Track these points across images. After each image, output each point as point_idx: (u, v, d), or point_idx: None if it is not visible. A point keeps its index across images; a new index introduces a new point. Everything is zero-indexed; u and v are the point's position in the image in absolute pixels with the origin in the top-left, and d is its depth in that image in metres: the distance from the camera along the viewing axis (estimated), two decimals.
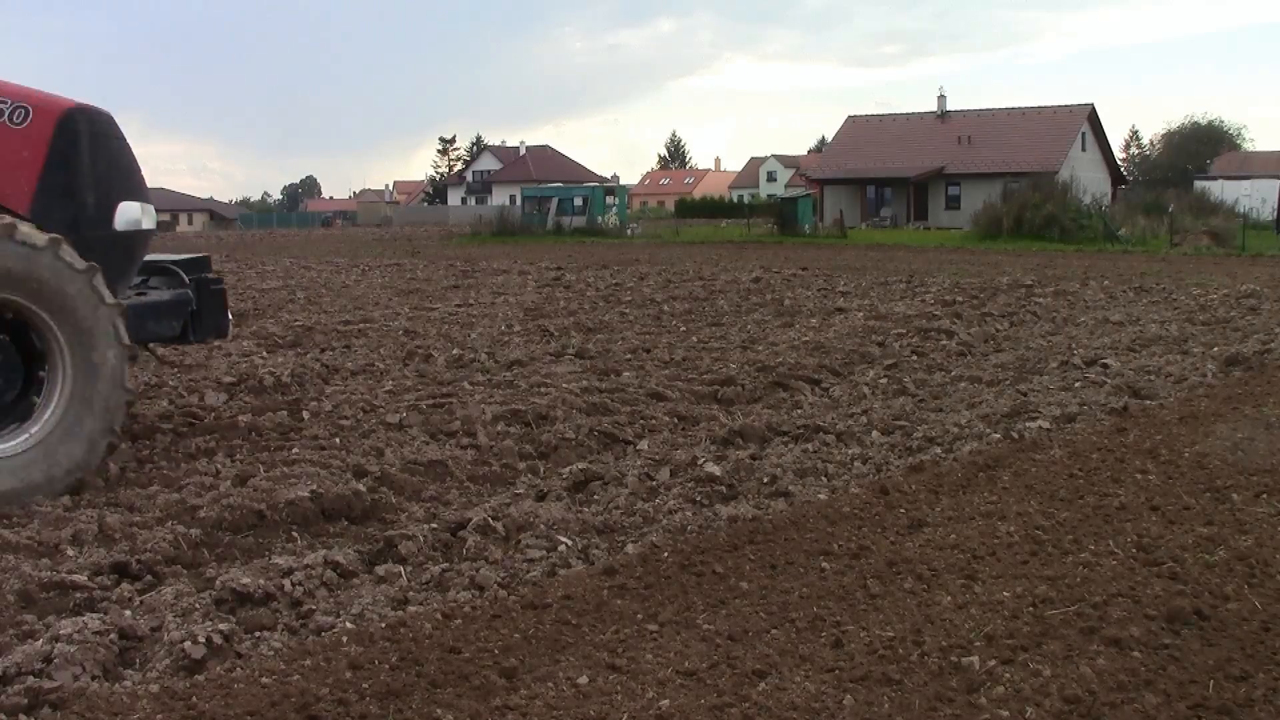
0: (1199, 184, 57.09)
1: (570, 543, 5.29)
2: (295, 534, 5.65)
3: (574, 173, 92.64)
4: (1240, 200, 46.91)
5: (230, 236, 61.17)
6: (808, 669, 3.86)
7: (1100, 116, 61.98)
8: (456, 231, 56.62)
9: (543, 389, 9.00)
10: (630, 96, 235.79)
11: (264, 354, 11.59)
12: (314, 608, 4.52)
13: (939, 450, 7.06)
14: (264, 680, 3.78)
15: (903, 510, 5.76)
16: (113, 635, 4.08)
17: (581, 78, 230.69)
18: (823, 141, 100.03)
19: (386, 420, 7.92)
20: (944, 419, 8.04)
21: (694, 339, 12.96)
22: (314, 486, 6.07)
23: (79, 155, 6.43)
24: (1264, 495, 5.88)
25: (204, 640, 4.04)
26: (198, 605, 4.46)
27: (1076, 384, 9.43)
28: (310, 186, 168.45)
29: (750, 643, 4.09)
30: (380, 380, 9.72)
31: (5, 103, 6.26)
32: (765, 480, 6.39)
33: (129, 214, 6.67)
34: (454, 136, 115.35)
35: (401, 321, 14.74)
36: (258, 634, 4.25)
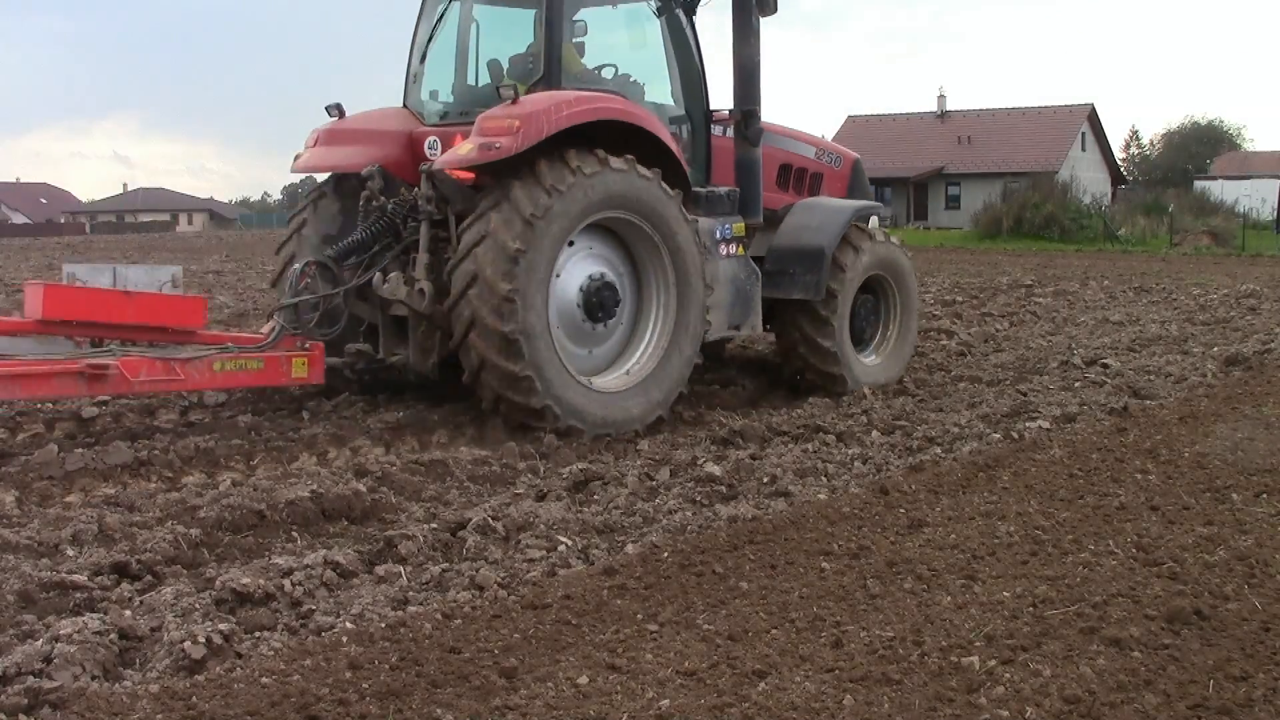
0: (1199, 184, 57.10)
1: (570, 543, 5.29)
2: (295, 534, 5.65)
3: None
4: (1240, 200, 46.91)
5: (230, 236, 61.18)
6: (808, 669, 3.86)
7: (1100, 116, 62.00)
8: None
9: None
10: None
11: None
12: (314, 608, 4.52)
13: (939, 450, 7.06)
14: (264, 680, 3.78)
15: (903, 510, 5.76)
16: (113, 635, 4.08)
17: None
18: None
19: (386, 419, 7.92)
20: (944, 419, 8.04)
21: None
22: (314, 486, 6.07)
23: (860, 185, 10.34)
24: (1264, 495, 5.88)
25: (204, 640, 4.04)
26: (198, 605, 4.45)
27: (1076, 384, 9.43)
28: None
29: (750, 643, 4.09)
30: (380, 379, 9.72)
31: (832, 155, 10.26)
32: (765, 480, 6.39)
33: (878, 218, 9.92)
34: None
35: None
36: (258, 634, 4.25)
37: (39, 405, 7.84)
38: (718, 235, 8.35)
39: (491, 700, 3.64)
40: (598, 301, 7.61)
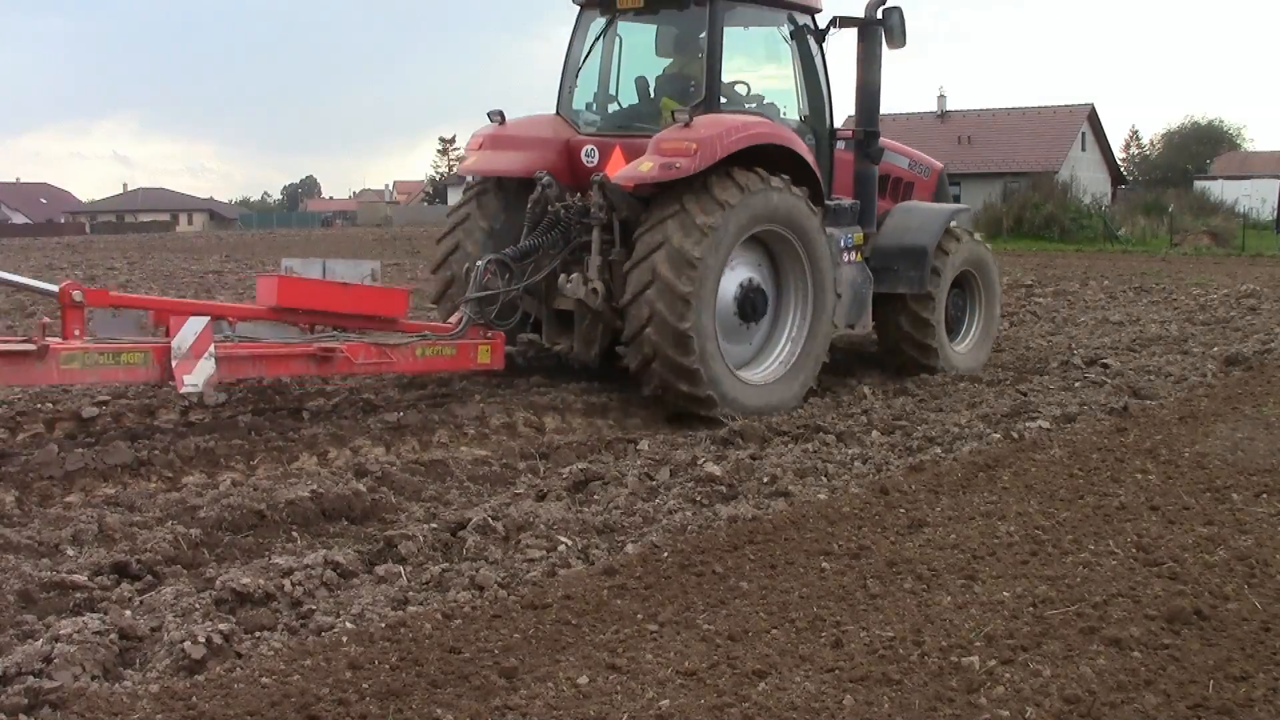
0: (1199, 184, 57.09)
1: (570, 543, 5.29)
2: (295, 534, 5.65)
3: None
4: (1240, 200, 46.90)
5: (230, 236, 61.17)
6: (808, 669, 3.86)
7: (1100, 116, 61.93)
8: None
9: (542, 389, 8.99)
10: None
11: None
12: (314, 608, 4.52)
13: (939, 450, 7.06)
14: (264, 680, 3.78)
15: (903, 510, 5.76)
16: (113, 635, 4.08)
17: None
18: None
19: (386, 419, 7.92)
20: (944, 419, 8.05)
21: None
22: (314, 486, 6.07)
23: (943, 191, 11.06)
24: (1264, 495, 5.89)
25: (204, 640, 4.04)
26: (198, 605, 4.46)
27: (1076, 384, 9.43)
28: (310, 186, 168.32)
29: (750, 643, 4.09)
30: (380, 379, 9.72)
31: (922, 166, 10.91)
32: (765, 480, 6.39)
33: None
34: (454, 136, 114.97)
35: None
36: (258, 634, 4.25)
37: (39, 405, 7.85)
38: (842, 244, 9.24)
39: (491, 700, 3.64)
40: (750, 304, 8.48)
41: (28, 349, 6.34)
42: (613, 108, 9.39)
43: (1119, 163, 69.54)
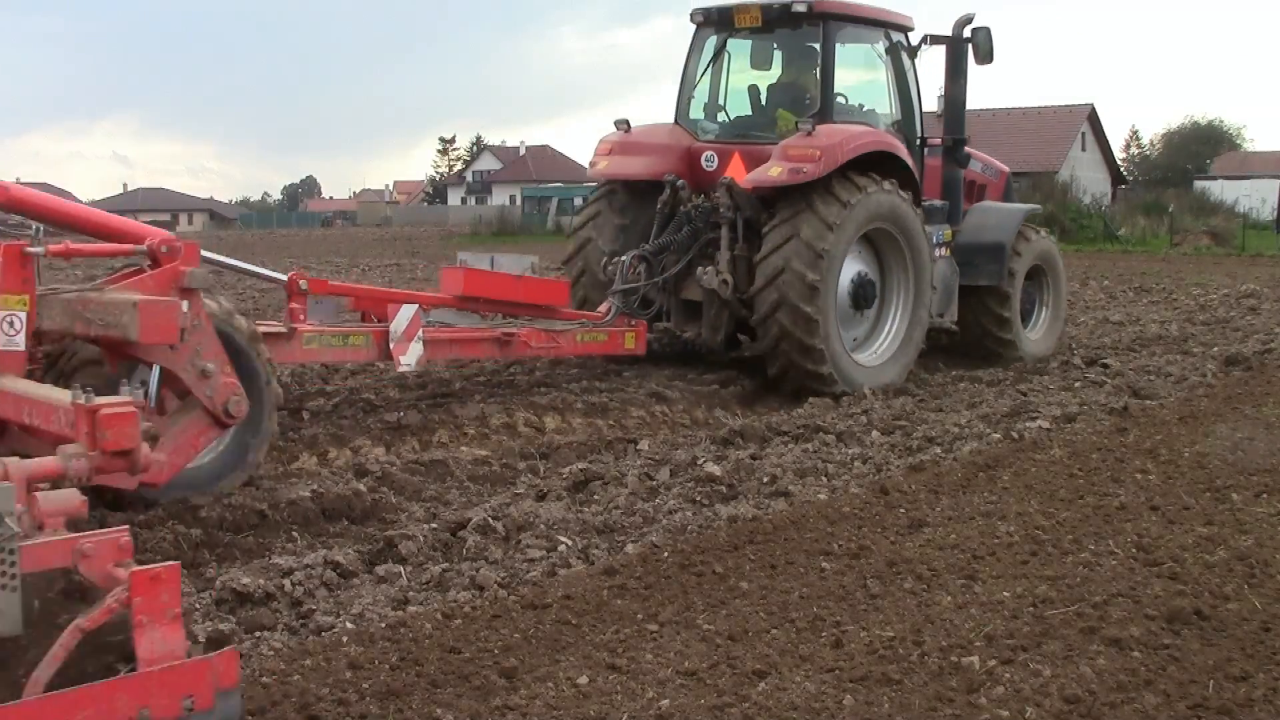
0: (1199, 184, 57.03)
1: (570, 543, 5.29)
2: (295, 534, 5.65)
3: (574, 173, 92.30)
4: (1240, 200, 46.87)
5: (230, 236, 61.16)
6: (808, 669, 3.86)
7: (1100, 116, 61.93)
8: (456, 232, 56.52)
9: (542, 389, 8.99)
10: (629, 96, 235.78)
11: None
12: (314, 607, 4.52)
13: (939, 450, 7.06)
14: (264, 680, 3.78)
15: (903, 510, 5.76)
16: None
17: (581, 77, 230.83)
18: None
19: (386, 419, 7.92)
20: (944, 419, 8.04)
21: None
22: (314, 486, 6.07)
23: (1009, 193, 12.17)
24: (1264, 495, 5.89)
25: (204, 640, 4.04)
26: (198, 605, 4.46)
27: (1076, 384, 9.43)
28: (310, 186, 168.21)
29: (750, 643, 4.09)
30: (380, 379, 9.72)
31: (992, 169, 11.85)
32: (765, 480, 6.39)
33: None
34: (454, 136, 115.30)
35: None
36: (258, 634, 4.25)
37: None
38: (934, 240, 10.08)
39: (491, 700, 3.64)
40: (861, 294, 9.42)
41: (281, 330, 7.24)
42: (723, 117, 10.34)
43: (1119, 163, 69.51)
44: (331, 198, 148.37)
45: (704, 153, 9.90)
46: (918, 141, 10.24)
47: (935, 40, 10.32)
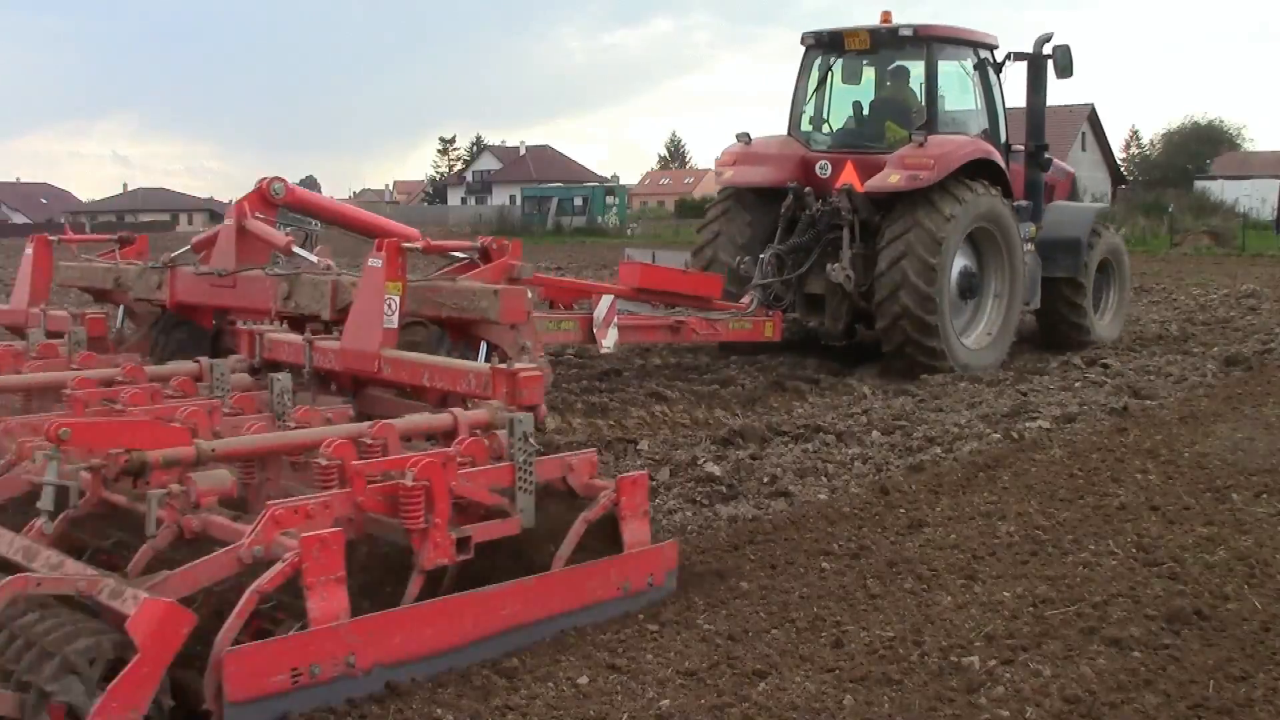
0: (1199, 184, 57.01)
1: None
2: None
3: (574, 173, 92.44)
4: (1240, 200, 46.85)
5: None
6: (808, 669, 3.86)
7: (1100, 116, 61.92)
8: (456, 232, 56.49)
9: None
10: (629, 96, 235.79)
11: None
12: None
13: (939, 450, 7.06)
14: None
15: (903, 510, 5.76)
16: None
17: (580, 77, 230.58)
18: None
19: None
20: (944, 419, 8.05)
21: None
22: None
23: (1076, 193, 13.44)
24: (1264, 495, 5.89)
25: None
26: None
27: (1076, 384, 9.44)
28: (310, 186, 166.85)
29: (750, 643, 4.09)
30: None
31: (1062, 171, 12.77)
32: (765, 480, 6.39)
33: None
34: (454, 136, 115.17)
35: None
36: None
37: None
38: (1023, 237, 10.99)
39: (491, 700, 3.64)
40: (966, 285, 10.43)
41: None
42: (829, 129, 11.49)
43: (1119, 163, 69.51)
44: (332, 197, 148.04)
45: (818, 162, 10.91)
46: (1004, 148, 11.20)
47: (1019, 57, 11.27)
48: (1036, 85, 11.35)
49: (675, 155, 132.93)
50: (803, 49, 11.35)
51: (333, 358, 5.65)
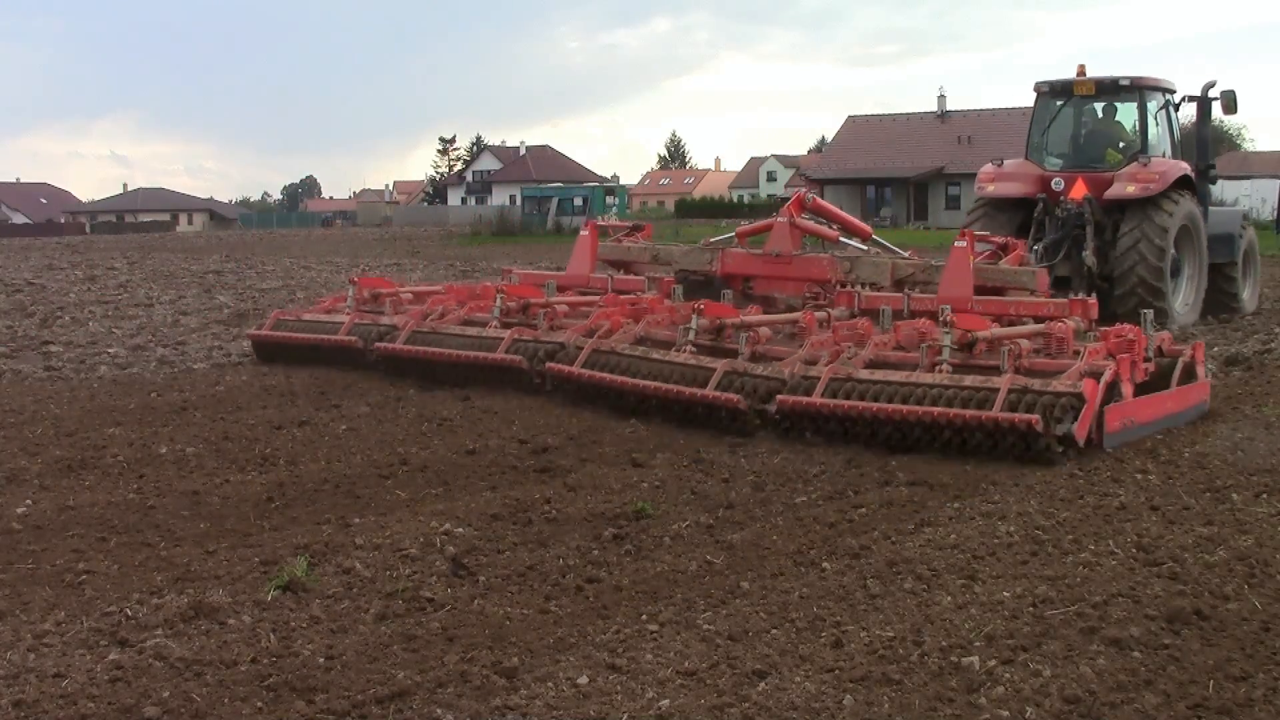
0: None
1: None
2: None
3: (574, 173, 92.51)
4: (1240, 200, 46.81)
5: (230, 236, 61.18)
6: (808, 669, 3.86)
7: None
8: (456, 232, 56.51)
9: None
10: (629, 96, 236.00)
11: None
12: None
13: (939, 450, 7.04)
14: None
15: (903, 510, 5.75)
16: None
17: (580, 77, 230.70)
18: (822, 141, 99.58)
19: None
20: None
21: None
22: None
23: (1205, 196, 15.28)
24: (1264, 495, 5.89)
25: None
26: None
27: None
28: (310, 186, 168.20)
29: (750, 643, 4.09)
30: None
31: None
32: (765, 480, 6.37)
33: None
34: (454, 136, 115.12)
35: None
36: None
37: None
38: None
39: (491, 700, 3.64)
40: (1175, 267, 13.56)
41: None
42: (1068, 155, 14.89)
43: None
44: (331, 198, 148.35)
45: (1053, 179, 14.18)
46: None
47: (1191, 99, 14.84)
48: (1203, 119, 15.20)
49: (675, 155, 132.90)
50: (1035, 94, 14.98)
51: (928, 303, 9.26)
